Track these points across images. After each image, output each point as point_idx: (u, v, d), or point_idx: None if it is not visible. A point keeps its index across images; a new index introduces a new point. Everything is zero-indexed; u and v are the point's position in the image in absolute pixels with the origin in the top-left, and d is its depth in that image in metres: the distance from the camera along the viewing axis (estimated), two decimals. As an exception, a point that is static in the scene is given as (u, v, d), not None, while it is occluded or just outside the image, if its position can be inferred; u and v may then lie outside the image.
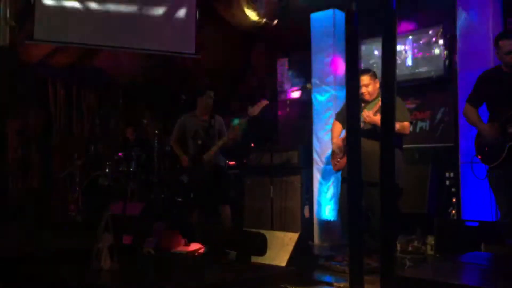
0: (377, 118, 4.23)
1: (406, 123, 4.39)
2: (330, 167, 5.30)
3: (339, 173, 4.94)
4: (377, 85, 4.56)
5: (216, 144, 5.29)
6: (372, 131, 4.33)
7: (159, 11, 6.43)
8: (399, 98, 4.38)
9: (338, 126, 4.78)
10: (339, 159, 4.71)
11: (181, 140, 5.61)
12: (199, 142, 5.35)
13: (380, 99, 4.31)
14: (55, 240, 2.90)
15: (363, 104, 4.53)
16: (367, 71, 4.62)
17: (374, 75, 4.57)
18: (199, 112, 5.54)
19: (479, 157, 3.86)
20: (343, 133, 4.76)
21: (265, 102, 5.20)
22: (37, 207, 7.42)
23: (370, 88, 4.48)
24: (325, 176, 5.93)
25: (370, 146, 4.10)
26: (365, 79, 4.43)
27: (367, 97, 4.50)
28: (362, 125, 4.28)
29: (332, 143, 4.79)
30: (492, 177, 3.81)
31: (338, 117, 4.86)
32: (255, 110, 5.16)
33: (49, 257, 2.35)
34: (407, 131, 4.43)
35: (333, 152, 4.82)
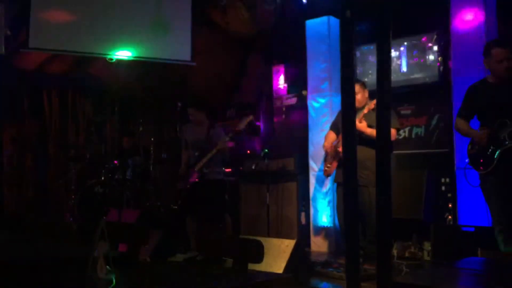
0: (361, 125, 4.38)
1: (392, 130, 4.51)
2: (327, 173, 5.32)
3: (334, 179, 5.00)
4: (366, 94, 4.81)
5: (205, 156, 5.31)
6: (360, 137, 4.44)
7: (155, 18, 6.44)
8: None
9: (332, 135, 4.93)
10: (329, 165, 4.82)
11: (187, 150, 5.67)
12: (196, 153, 5.41)
13: (366, 106, 4.55)
14: (50, 248, 2.88)
15: None
16: (357, 80, 4.86)
17: (364, 85, 4.85)
18: (193, 124, 5.59)
19: (472, 165, 3.86)
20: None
21: (250, 117, 5.31)
22: (32, 216, 7.38)
23: (359, 96, 4.67)
24: (321, 182, 5.93)
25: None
26: (355, 87, 4.62)
27: (356, 104, 4.67)
28: None
29: (325, 150, 4.93)
30: (484, 184, 3.80)
31: (333, 126, 5.01)
32: (240, 125, 5.27)
33: (44, 265, 2.33)
34: (392, 138, 4.57)
35: (326, 159, 4.96)
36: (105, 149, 7.97)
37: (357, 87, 4.69)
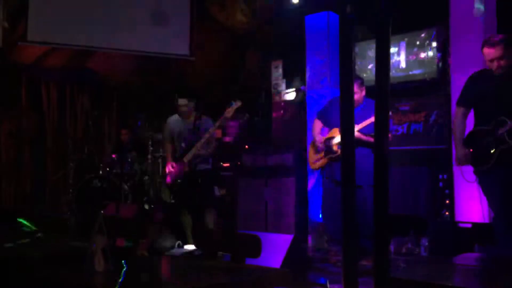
0: (357, 135, 4.41)
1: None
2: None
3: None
4: (363, 93, 4.80)
5: (194, 147, 5.26)
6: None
7: (153, 12, 6.42)
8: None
9: (319, 123, 4.94)
10: (320, 158, 4.82)
11: (172, 142, 5.64)
12: (182, 144, 5.38)
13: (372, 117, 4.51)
14: (48, 242, 2.88)
15: None
16: (355, 79, 4.74)
17: (361, 83, 4.76)
18: (179, 116, 5.57)
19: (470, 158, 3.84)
20: (323, 131, 4.94)
21: (238, 104, 5.26)
22: (30, 210, 7.38)
23: (356, 96, 4.67)
24: (319, 177, 5.93)
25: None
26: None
27: None
28: None
29: (314, 139, 4.92)
30: (483, 180, 3.79)
31: (319, 115, 5.02)
32: (229, 111, 5.21)
33: (42, 259, 2.33)
34: None
35: (312, 149, 4.95)
36: (103, 143, 7.97)
37: (355, 87, 4.63)
